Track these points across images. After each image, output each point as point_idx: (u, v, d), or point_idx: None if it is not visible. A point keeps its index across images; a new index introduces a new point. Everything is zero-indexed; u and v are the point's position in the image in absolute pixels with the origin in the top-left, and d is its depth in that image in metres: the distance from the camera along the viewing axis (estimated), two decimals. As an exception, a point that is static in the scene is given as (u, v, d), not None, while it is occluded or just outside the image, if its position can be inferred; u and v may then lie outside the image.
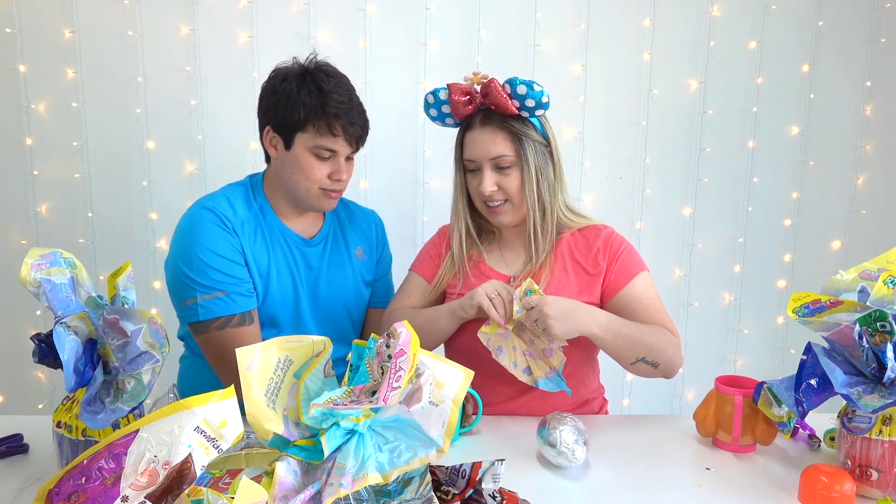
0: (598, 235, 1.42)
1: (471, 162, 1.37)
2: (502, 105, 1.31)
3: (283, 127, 1.36)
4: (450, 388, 0.91)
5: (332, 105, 1.32)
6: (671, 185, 2.28)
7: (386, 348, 0.88)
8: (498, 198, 1.36)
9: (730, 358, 2.39)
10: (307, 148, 1.35)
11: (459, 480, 0.91)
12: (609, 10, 2.17)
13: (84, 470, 0.73)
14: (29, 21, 2.00)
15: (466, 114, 1.37)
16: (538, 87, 1.29)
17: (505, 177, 1.35)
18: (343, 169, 1.39)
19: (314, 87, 1.33)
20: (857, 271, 1.03)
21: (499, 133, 1.34)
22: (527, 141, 1.34)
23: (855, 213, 2.32)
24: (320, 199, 1.40)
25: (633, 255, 1.40)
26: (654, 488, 1.04)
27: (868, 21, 2.22)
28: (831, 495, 0.95)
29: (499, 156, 1.34)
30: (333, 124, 1.33)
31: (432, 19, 2.12)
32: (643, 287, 1.36)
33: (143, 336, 0.96)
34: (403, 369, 0.86)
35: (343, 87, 1.36)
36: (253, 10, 2.06)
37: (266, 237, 1.42)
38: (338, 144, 1.36)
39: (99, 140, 2.07)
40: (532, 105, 1.31)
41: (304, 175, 1.37)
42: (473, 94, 1.36)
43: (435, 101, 1.39)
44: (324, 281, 1.48)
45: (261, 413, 0.85)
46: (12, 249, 2.09)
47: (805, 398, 1.04)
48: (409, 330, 0.88)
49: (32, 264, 0.98)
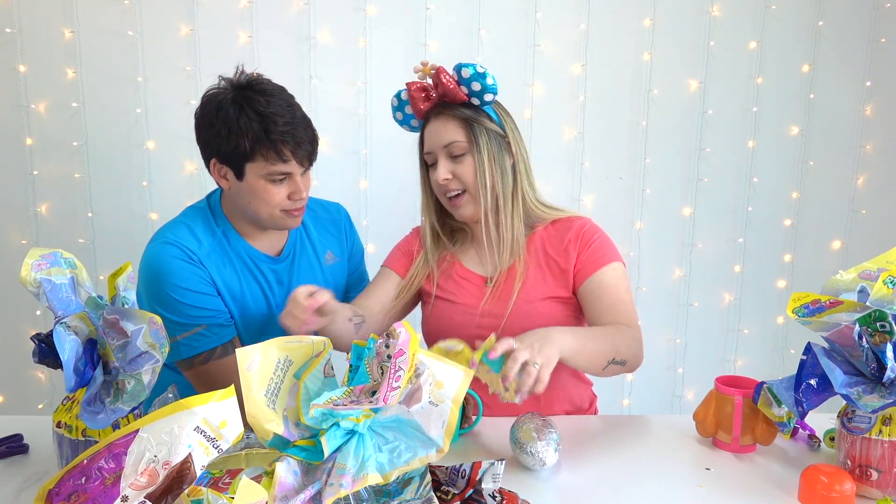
0: (571, 227, 1.38)
1: (428, 155, 1.36)
2: (451, 93, 1.31)
3: (229, 159, 1.30)
4: (449, 387, 0.91)
5: (276, 131, 1.25)
6: (671, 185, 2.28)
7: (385, 348, 0.88)
8: (454, 187, 1.34)
9: (730, 358, 2.39)
10: (260, 176, 1.29)
11: (459, 480, 0.91)
12: (609, 10, 2.17)
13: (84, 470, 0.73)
14: (29, 21, 2.00)
15: (425, 110, 1.36)
16: (482, 68, 1.28)
17: (459, 164, 1.33)
18: (301, 188, 1.33)
19: (253, 113, 1.25)
20: (856, 271, 1.03)
21: (450, 120, 1.33)
22: (479, 127, 1.33)
23: (855, 213, 2.32)
24: (285, 220, 1.35)
25: (606, 245, 1.36)
26: (655, 488, 1.04)
27: (868, 21, 2.22)
28: (831, 495, 0.95)
29: (450, 142, 1.32)
30: (281, 150, 1.27)
31: (432, 19, 2.12)
32: (612, 276, 1.32)
33: (143, 336, 0.96)
34: (403, 369, 0.86)
35: (283, 105, 1.28)
36: (253, 10, 2.06)
37: (234, 262, 1.39)
38: (290, 167, 1.30)
39: (99, 140, 2.07)
40: (479, 89, 1.30)
41: (263, 202, 1.31)
42: (429, 89, 1.36)
43: (399, 104, 1.38)
44: None
45: (261, 413, 0.85)
46: (12, 249, 2.09)
47: (805, 398, 1.04)
48: (409, 330, 0.88)
49: (32, 264, 0.98)
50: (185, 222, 1.37)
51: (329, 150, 2.14)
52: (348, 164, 2.17)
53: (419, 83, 1.35)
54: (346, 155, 2.16)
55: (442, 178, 1.33)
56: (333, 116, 2.12)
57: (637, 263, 2.30)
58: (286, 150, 1.27)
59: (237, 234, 1.40)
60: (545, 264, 1.37)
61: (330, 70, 2.11)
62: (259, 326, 1.41)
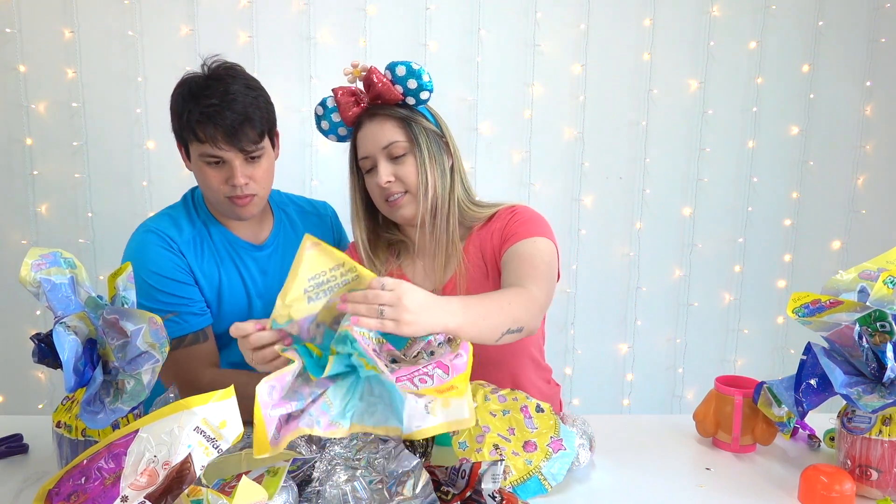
0: (501, 216, 1.33)
1: (366, 160, 1.31)
2: (386, 93, 1.27)
3: (178, 138, 1.33)
4: (450, 414, 0.86)
5: (195, 112, 1.25)
6: (671, 185, 2.28)
7: (437, 346, 0.88)
8: (396, 189, 1.29)
9: (730, 358, 2.39)
10: (197, 157, 1.30)
11: (459, 480, 0.91)
12: (609, 10, 2.17)
13: (84, 470, 0.74)
14: (29, 21, 2.00)
15: (355, 115, 1.32)
16: (417, 65, 1.25)
17: (400, 166, 1.28)
18: (238, 174, 1.28)
19: (188, 94, 1.27)
20: (856, 271, 1.03)
21: (387, 121, 1.29)
22: (417, 127, 1.29)
23: (855, 213, 2.32)
24: (231, 208, 1.34)
25: (533, 223, 1.29)
26: (654, 488, 1.04)
27: (868, 21, 2.22)
28: (831, 495, 0.95)
29: (390, 142, 1.28)
30: (199, 132, 1.26)
31: (432, 19, 2.12)
32: (531, 246, 1.25)
33: (143, 336, 0.96)
34: (433, 380, 0.84)
35: (220, 90, 1.26)
36: (253, 10, 2.06)
37: (214, 250, 1.39)
38: (218, 151, 1.27)
39: (99, 140, 2.07)
40: (415, 87, 1.26)
41: (206, 185, 1.33)
42: (359, 93, 1.32)
43: (325, 112, 1.34)
44: (279, 287, 1.44)
45: (293, 293, 0.86)
46: (12, 249, 2.09)
47: (805, 398, 1.04)
48: (468, 362, 0.87)
49: (32, 264, 0.98)
50: (168, 213, 1.41)
51: (329, 150, 2.14)
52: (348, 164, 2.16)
53: (346, 87, 1.31)
54: (345, 155, 2.15)
55: (384, 181, 1.27)
56: (333, 116, 2.12)
57: (637, 263, 2.30)
58: (201, 132, 1.26)
59: (217, 222, 1.41)
60: (486, 265, 1.32)
61: (330, 70, 2.11)
62: (238, 315, 1.40)
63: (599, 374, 2.35)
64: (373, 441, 0.92)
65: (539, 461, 1.00)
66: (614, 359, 2.36)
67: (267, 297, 1.42)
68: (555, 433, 1.03)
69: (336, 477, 0.88)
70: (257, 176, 1.32)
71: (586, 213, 2.26)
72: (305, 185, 2.12)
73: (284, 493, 0.83)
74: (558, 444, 1.01)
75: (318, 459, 0.90)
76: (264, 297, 1.42)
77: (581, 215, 2.25)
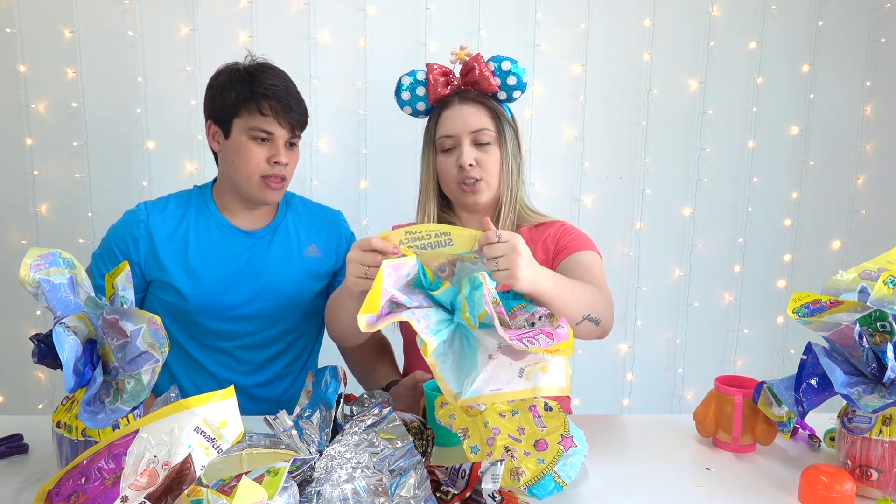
0: (552, 226, 1.41)
1: (448, 138, 1.35)
2: (483, 82, 1.32)
3: (220, 117, 1.41)
4: (546, 380, 0.96)
5: (261, 86, 1.36)
6: (671, 185, 2.28)
7: (538, 319, 1.00)
8: (475, 175, 1.34)
9: (730, 358, 2.39)
10: (243, 132, 1.38)
11: (459, 480, 0.91)
12: (609, 10, 2.17)
13: (84, 470, 0.74)
14: (29, 21, 2.00)
15: (442, 95, 1.36)
16: (521, 64, 1.31)
17: (484, 153, 1.34)
18: (282, 153, 1.40)
19: (245, 73, 1.40)
20: (857, 271, 1.03)
21: (480, 108, 1.34)
22: (504, 120, 1.35)
23: (855, 213, 2.32)
24: (262, 189, 1.41)
25: (586, 239, 1.38)
26: (654, 488, 1.04)
27: (868, 21, 2.22)
28: (831, 495, 0.95)
29: (480, 129, 1.33)
30: (263, 104, 1.36)
31: (432, 19, 2.12)
32: (590, 259, 1.33)
33: (143, 336, 0.96)
34: (539, 342, 0.93)
35: (276, 75, 1.41)
36: (253, 10, 2.06)
37: (200, 228, 1.46)
38: (271, 126, 1.38)
39: (99, 140, 2.07)
40: (513, 83, 1.32)
41: (244, 161, 1.39)
42: (451, 75, 1.36)
43: (411, 83, 1.38)
44: (268, 274, 1.47)
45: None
46: (12, 249, 2.09)
47: (805, 398, 1.04)
48: (570, 332, 0.98)
49: (31, 264, 0.98)
50: (167, 196, 1.53)
51: (329, 150, 2.14)
52: (348, 164, 2.16)
53: (441, 66, 1.36)
54: (346, 155, 2.16)
55: (468, 163, 1.32)
56: (333, 116, 2.12)
57: (637, 263, 2.30)
58: (267, 104, 1.36)
59: (215, 206, 1.49)
60: None
61: (330, 70, 2.11)
62: (214, 297, 1.44)
63: (599, 375, 2.35)
64: (373, 441, 0.92)
65: (551, 460, 1.00)
66: (614, 359, 2.36)
67: (248, 283, 1.46)
68: (565, 431, 1.04)
69: (336, 477, 0.88)
70: (291, 162, 1.44)
71: (586, 213, 2.26)
72: (305, 185, 2.12)
73: (284, 493, 0.83)
74: (569, 442, 1.02)
75: (317, 459, 0.90)
76: (245, 282, 1.46)
77: (581, 215, 2.25)
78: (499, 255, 1.00)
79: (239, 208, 1.49)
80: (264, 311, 1.47)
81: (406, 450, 0.90)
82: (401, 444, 0.91)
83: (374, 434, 0.91)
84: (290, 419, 0.94)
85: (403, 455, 0.90)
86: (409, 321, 0.97)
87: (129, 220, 1.47)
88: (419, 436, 1.06)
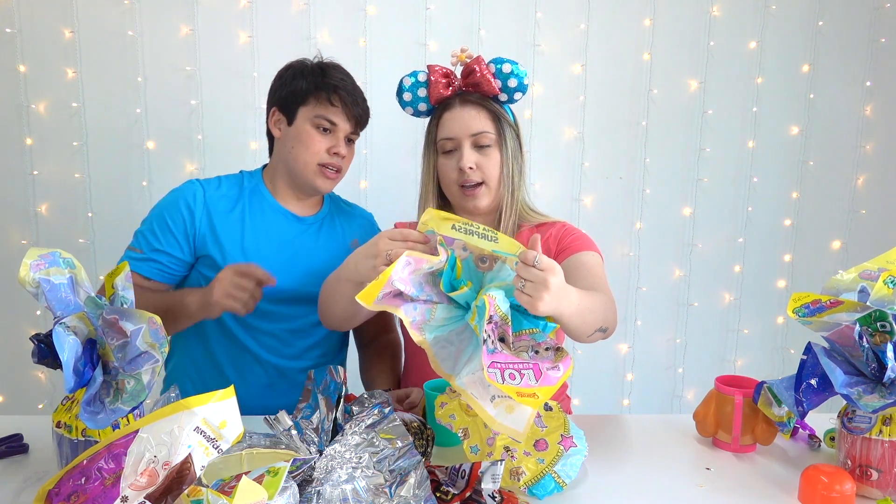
0: (553, 227, 1.41)
1: (448, 140, 1.35)
2: (484, 84, 1.32)
3: (286, 104, 1.45)
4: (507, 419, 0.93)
5: (332, 78, 1.42)
6: (671, 185, 2.28)
7: (544, 349, 0.99)
8: (475, 178, 1.34)
9: (730, 358, 2.39)
10: (308, 119, 1.43)
11: (459, 480, 0.91)
12: (609, 10, 2.17)
13: (84, 470, 0.74)
14: (29, 21, 2.00)
15: (443, 97, 1.36)
16: (522, 67, 1.31)
17: (484, 157, 1.34)
18: (342, 144, 1.44)
19: (317, 67, 1.46)
20: (857, 271, 1.03)
21: (480, 111, 1.34)
22: (504, 123, 1.35)
23: (855, 213, 2.32)
24: (317, 177, 1.45)
25: (588, 240, 1.38)
26: (654, 488, 1.04)
27: (868, 21, 2.22)
28: (831, 495, 0.95)
29: (480, 132, 1.33)
30: (332, 95, 1.41)
31: (432, 19, 2.12)
32: (592, 259, 1.32)
33: (143, 336, 0.96)
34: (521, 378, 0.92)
35: (346, 74, 1.47)
36: (253, 10, 2.06)
37: (255, 211, 1.48)
38: (337, 117, 1.42)
39: (99, 140, 2.07)
40: (514, 85, 1.32)
41: (304, 147, 1.43)
42: (452, 76, 1.36)
43: (411, 84, 1.39)
44: (317, 260, 1.49)
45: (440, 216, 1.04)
46: (12, 249, 2.09)
47: (805, 398, 1.04)
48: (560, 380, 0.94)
49: (31, 264, 0.98)
50: (216, 177, 1.53)
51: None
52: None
53: (442, 68, 1.37)
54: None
55: (468, 166, 1.33)
56: (333, 116, 2.12)
57: (637, 263, 2.30)
58: (336, 96, 1.42)
59: (267, 191, 1.52)
60: None
61: (330, 70, 2.11)
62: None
63: (599, 374, 2.35)
64: (373, 441, 0.92)
65: (551, 460, 1.00)
66: (614, 359, 2.36)
67: (299, 267, 1.48)
68: (565, 430, 1.04)
69: (336, 477, 0.87)
70: (348, 157, 1.49)
71: (586, 213, 2.26)
72: (305, 185, 2.11)
73: (284, 493, 0.83)
74: (569, 442, 1.02)
75: (317, 459, 0.90)
76: (296, 265, 1.48)
77: (581, 215, 2.25)
78: (528, 279, 0.96)
79: (289, 195, 1.51)
80: (313, 295, 1.48)
81: (406, 450, 0.90)
82: (401, 444, 0.91)
83: (374, 434, 0.91)
84: (290, 419, 0.94)
85: (403, 455, 0.90)
86: (400, 315, 0.98)
87: (183, 193, 1.47)
88: (419, 436, 1.06)
